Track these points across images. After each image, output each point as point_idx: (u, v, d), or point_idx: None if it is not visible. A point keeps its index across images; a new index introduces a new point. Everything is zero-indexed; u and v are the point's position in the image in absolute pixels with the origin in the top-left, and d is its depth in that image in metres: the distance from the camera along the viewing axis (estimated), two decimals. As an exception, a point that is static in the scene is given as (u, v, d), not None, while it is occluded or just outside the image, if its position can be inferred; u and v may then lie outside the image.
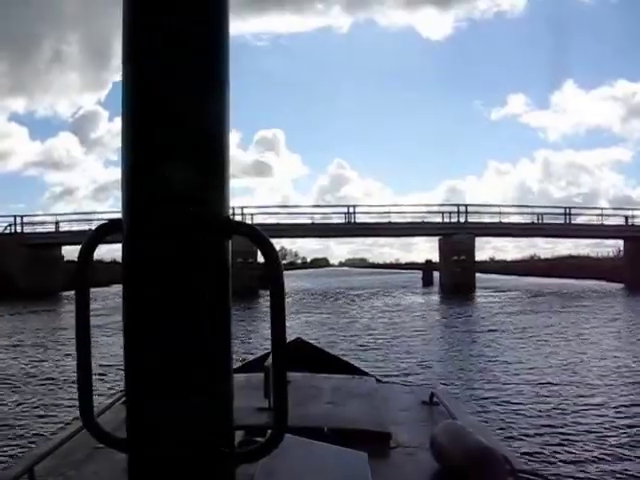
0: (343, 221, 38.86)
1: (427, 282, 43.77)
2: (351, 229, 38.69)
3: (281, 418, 0.91)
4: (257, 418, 1.89)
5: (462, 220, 38.95)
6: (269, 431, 0.95)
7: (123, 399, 2.24)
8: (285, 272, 0.91)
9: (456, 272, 36.71)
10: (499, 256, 68.05)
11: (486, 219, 39.57)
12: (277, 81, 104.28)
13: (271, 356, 1.78)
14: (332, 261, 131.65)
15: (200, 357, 0.87)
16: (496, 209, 40.26)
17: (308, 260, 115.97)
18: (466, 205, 39.67)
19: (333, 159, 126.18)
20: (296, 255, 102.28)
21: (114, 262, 61.68)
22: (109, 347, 12.00)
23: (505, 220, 39.70)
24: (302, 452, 1.50)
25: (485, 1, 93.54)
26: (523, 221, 39.56)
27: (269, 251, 0.91)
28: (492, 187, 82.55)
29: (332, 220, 39.26)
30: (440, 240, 40.08)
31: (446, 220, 39.30)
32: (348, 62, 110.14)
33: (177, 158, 0.86)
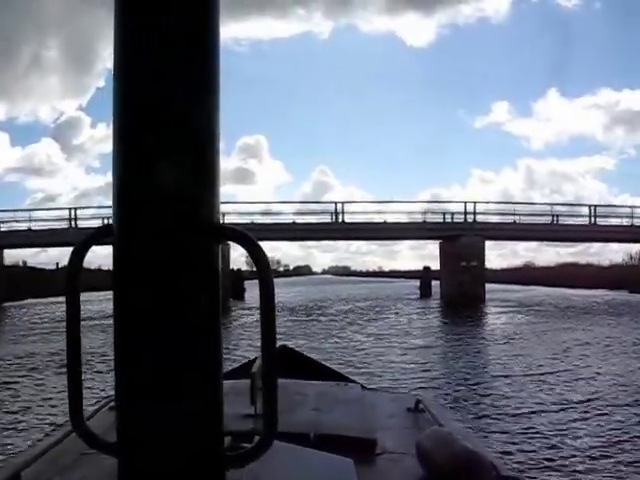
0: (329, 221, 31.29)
1: (425, 293, 36.24)
2: (339, 230, 31.05)
3: (271, 423, 0.90)
4: (243, 424, 1.84)
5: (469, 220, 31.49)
6: (256, 437, 0.96)
7: (109, 405, 2.19)
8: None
9: (464, 281, 29.27)
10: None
11: (494, 219, 32.10)
12: (259, 87, 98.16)
13: (257, 362, 1.95)
14: (315, 269, 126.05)
15: (190, 362, 0.85)
16: (509, 207, 32.71)
17: (291, 268, 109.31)
18: (474, 202, 32.24)
19: (316, 166, 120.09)
20: (278, 263, 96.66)
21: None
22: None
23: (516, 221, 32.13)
24: (288, 458, 1.43)
25: (468, 7, 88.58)
26: (542, 221, 32.12)
27: (260, 257, 0.88)
28: (476, 196, 77.63)
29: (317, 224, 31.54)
30: (442, 244, 32.79)
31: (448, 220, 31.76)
32: (330, 68, 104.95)
33: (168, 162, 0.84)
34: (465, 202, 32.34)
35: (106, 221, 31.70)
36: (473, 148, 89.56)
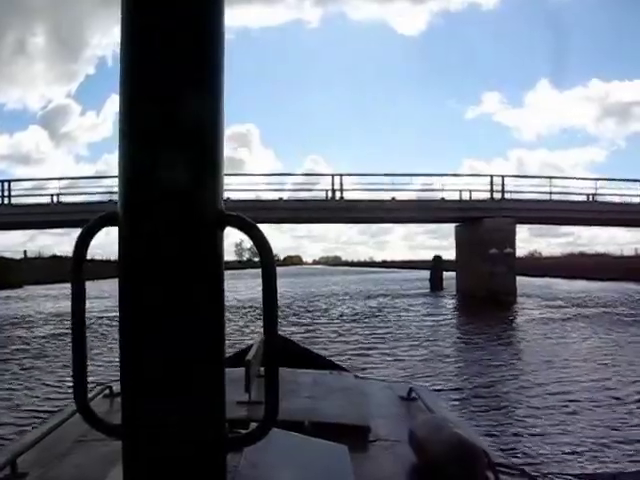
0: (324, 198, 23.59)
1: (435, 285, 28.79)
2: (336, 209, 23.27)
3: (272, 407, 0.88)
4: (238, 411, 1.80)
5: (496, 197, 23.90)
6: (252, 423, 0.97)
7: (104, 393, 2.19)
8: (254, 271, 0.67)
9: (496, 273, 21.82)
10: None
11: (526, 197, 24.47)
12: (250, 76, 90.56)
13: (252, 350, 2.15)
14: (305, 259, 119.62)
15: (194, 349, 0.83)
16: (545, 182, 24.97)
17: (281, 258, 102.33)
18: (502, 176, 24.62)
19: (308, 155, 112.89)
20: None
21: (36, 258, 47.38)
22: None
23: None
24: (285, 444, 1.38)
25: (460, -5, 79.70)
26: (580, 199, 24.55)
27: (263, 244, 0.86)
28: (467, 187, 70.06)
29: (309, 201, 23.73)
30: (458, 228, 25.25)
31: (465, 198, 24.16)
32: (320, 56, 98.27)
33: (172, 151, 0.81)
34: (492, 175, 24.73)
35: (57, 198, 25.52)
36: (464, 138, 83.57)
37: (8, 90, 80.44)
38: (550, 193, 24.64)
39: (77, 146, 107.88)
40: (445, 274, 29.19)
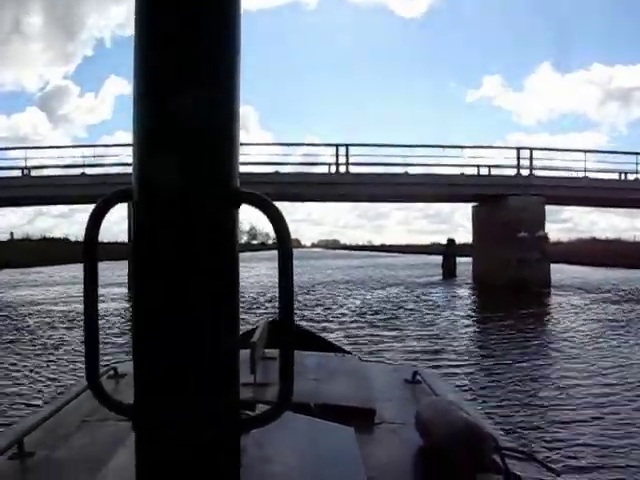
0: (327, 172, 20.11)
1: (448, 272, 25.49)
2: (342, 184, 19.73)
3: (287, 389, 0.87)
4: (244, 393, 1.53)
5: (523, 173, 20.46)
6: (258, 405, 0.91)
7: (109, 374, 2.13)
8: (254, 254, 0.73)
9: (528, 260, 18.53)
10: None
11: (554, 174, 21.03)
12: (247, 58, 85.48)
13: (257, 332, 2.10)
14: (304, 242, 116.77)
15: (208, 330, 0.81)
16: (580, 156, 21.50)
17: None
18: (531, 149, 21.14)
19: (306, 138, 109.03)
20: (267, 235, 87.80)
21: (23, 239, 45.08)
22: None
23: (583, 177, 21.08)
24: (292, 426, 1.36)
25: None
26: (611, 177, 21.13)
27: (281, 223, 0.84)
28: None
29: (311, 174, 20.18)
30: (476, 208, 21.83)
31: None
32: (319, 39, 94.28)
33: (188, 128, 0.80)
34: (518, 148, 21.22)
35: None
36: (464, 121, 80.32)
37: (5, 71, 76.86)
38: (585, 170, 21.22)
39: (75, 128, 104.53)
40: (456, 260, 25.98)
